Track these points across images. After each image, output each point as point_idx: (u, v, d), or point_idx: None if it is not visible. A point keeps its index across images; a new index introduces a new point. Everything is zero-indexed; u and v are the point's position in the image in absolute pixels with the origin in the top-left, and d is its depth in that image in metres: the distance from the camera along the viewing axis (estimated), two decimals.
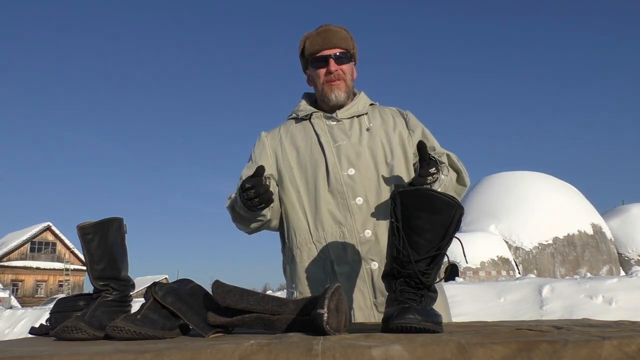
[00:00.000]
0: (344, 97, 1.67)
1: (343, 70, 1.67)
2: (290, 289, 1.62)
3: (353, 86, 1.74)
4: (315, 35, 1.68)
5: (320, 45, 1.66)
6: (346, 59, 1.68)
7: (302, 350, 0.76)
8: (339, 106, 1.68)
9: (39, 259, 33.88)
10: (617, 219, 21.58)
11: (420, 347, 0.75)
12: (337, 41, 1.66)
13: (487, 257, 17.69)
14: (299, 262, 1.56)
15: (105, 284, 1.24)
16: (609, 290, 6.78)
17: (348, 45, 1.68)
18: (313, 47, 1.67)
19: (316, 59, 1.67)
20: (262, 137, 1.76)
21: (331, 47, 1.65)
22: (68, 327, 1.08)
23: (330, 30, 1.68)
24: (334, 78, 1.65)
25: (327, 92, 1.67)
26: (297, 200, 1.60)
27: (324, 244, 1.53)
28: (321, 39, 1.66)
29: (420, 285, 1.02)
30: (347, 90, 1.68)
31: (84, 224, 1.24)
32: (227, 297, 1.03)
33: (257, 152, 1.73)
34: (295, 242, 1.58)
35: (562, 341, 0.76)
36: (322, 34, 1.67)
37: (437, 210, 1.01)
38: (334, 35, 1.66)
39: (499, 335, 0.83)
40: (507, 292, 7.34)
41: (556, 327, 0.95)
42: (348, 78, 1.69)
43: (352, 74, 1.72)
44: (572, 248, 19.34)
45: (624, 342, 0.76)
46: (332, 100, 1.67)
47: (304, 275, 1.55)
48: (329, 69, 1.65)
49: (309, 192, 1.59)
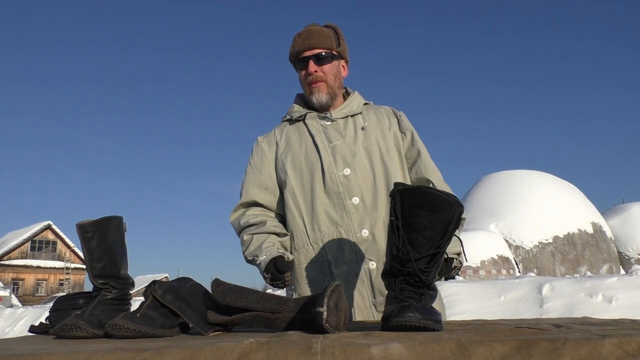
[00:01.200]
0: (326, 99, 1.66)
1: (323, 71, 1.65)
2: (289, 290, 1.61)
3: (340, 85, 1.71)
4: (297, 37, 1.67)
5: (300, 46, 1.65)
6: (327, 59, 1.65)
7: (302, 348, 0.76)
8: (326, 107, 1.68)
9: (39, 258, 33.88)
10: (617, 218, 21.58)
11: (420, 345, 0.75)
12: (316, 41, 1.64)
13: (487, 255, 17.69)
14: (297, 265, 1.56)
15: (105, 282, 1.24)
16: (609, 289, 6.78)
17: (330, 45, 1.65)
18: (294, 48, 1.66)
19: (298, 60, 1.67)
20: (260, 143, 1.75)
21: (311, 47, 1.64)
22: (67, 326, 1.08)
23: (311, 30, 1.65)
24: (313, 80, 1.64)
25: (309, 94, 1.67)
26: (293, 203, 1.59)
27: (321, 245, 1.52)
28: (302, 40, 1.65)
29: (420, 284, 1.02)
30: (330, 91, 1.66)
31: (83, 222, 1.24)
32: (226, 295, 1.03)
33: (257, 160, 1.71)
34: (293, 245, 1.58)
35: (562, 339, 0.76)
36: (303, 35, 1.66)
37: (436, 209, 1.01)
38: (313, 36, 1.64)
39: (498, 334, 0.82)
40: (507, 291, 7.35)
41: (556, 326, 0.95)
42: (330, 78, 1.66)
43: (335, 73, 1.68)
44: (572, 247, 19.33)
45: (624, 340, 0.76)
46: (314, 102, 1.66)
47: (303, 277, 1.54)
48: (308, 71, 1.64)
49: (305, 194, 1.58)
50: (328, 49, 1.65)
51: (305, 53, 1.64)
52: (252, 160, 1.73)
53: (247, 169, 1.73)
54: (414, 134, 1.68)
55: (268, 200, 1.67)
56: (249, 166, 1.73)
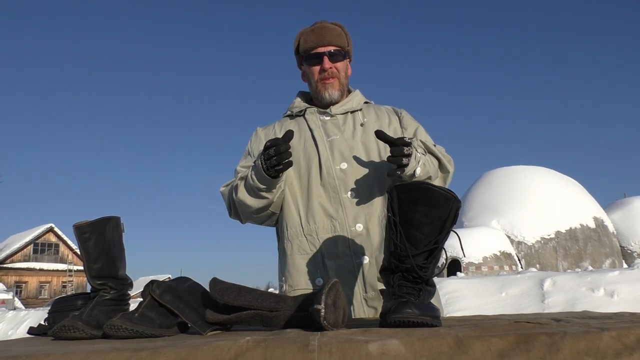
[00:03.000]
0: (337, 96, 1.67)
1: (337, 68, 1.66)
2: (280, 281, 1.62)
3: (347, 83, 1.74)
4: (310, 32, 1.67)
5: (315, 42, 1.65)
6: (340, 56, 1.67)
7: (299, 345, 0.75)
8: (332, 103, 1.68)
9: (42, 261, 33.93)
10: (619, 212, 21.56)
11: (418, 341, 0.75)
12: (331, 38, 1.65)
13: (489, 252, 17.68)
14: (290, 255, 1.56)
15: (103, 282, 1.23)
16: (610, 283, 6.77)
17: (342, 43, 1.67)
18: (307, 44, 1.66)
19: (310, 55, 1.67)
20: (258, 132, 1.77)
21: (325, 44, 1.64)
22: (65, 327, 1.08)
23: (325, 27, 1.66)
24: (327, 76, 1.65)
25: (321, 90, 1.67)
26: (290, 194, 1.60)
27: (315, 237, 1.53)
28: (315, 36, 1.65)
29: (418, 280, 1.02)
30: (341, 88, 1.68)
31: (80, 223, 1.23)
32: (224, 294, 1.03)
33: (254, 147, 1.72)
34: (287, 235, 1.58)
35: (560, 333, 0.75)
36: (317, 30, 1.66)
37: (434, 204, 1.01)
38: (328, 32, 1.65)
39: (497, 328, 0.82)
40: (508, 286, 7.34)
41: (555, 320, 0.94)
42: (342, 76, 1.68)
43: (346, 71, 1.71)
44: (575, 242, 19.32)
45: (623, 333, 0.75)
46: (326, 98, 1.67)
47: (294, 268, 1.55)
48: (323, 67, 1.65)
49: (302, 186, 1.59)
50: (341, 47, 1.67)
51: (320, 49, 1.65)
52: (249, 147, 1.75)
53: (242, 156, 1.74)
54: (419, 129, 1.68)
55: None
56: (245, 153, 1.74)
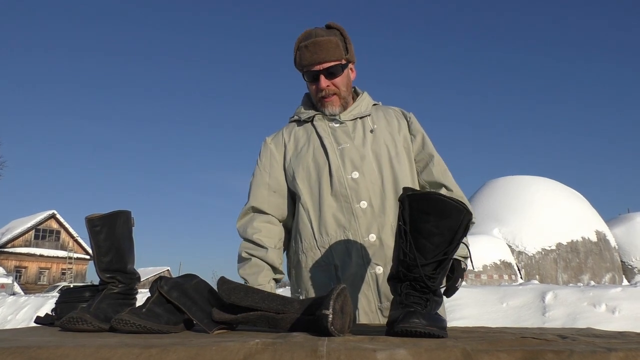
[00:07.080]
0: (339, 111, 1.64)
1: (335, 84, 1.61)
2: (296, 293, 1.61)
3: (350, 91, 1.69)
4: (304, 49, 1.59)
5: (309, 60, 1.58)
6: (338, 71, 1.61)
7: (307, 351, 0.76)
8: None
9: (42, 247, 34.08)
10: (622, 227, 21.46)
11: (425, 352, 0.75)
12: (325, 55, 1.57)
13: (489, 260, 17.64)
14: (304, 267, 1.56)
15: (112, 276, 1.24)
16: (612, 299, 6.74)
17: (339, 55, 1.59)
18: (302, 60, 1.60)
19: (307, 73, 1.62)
20: (268, 144, 1.73)
21: (320, 61, 1.58)
22: (74, 319, 1.09)
23: (318, 43, 1.57)
24: (325, 95, 1.62)
25: (321, 107, 1.65)
26: (301, 205, 1.59)
27: (328, 249, 1.52)
28: (310, 54, 1.58)
29: (425, 290, 1.02)
30: (342, 102, 1.65)
31: (92, 215, 1.24)
32: (232, 294, 1.04)
33: (266, 162, 1.70)
34: (301, 247, 1.58)
35: (567, 351, 0.75)
36: (311, 47, 1.57)
37: (445, 215, 1.01)
38: (322, 49, 1.57)
39: (504, 343, 0.82)
40: (509, 297, 7.32)
41: (561, 337, 0.95)
42: (342, 90, 1.63)
43: (347, 81, 1.65)
44: (575, 254, 19.24)
45: (631, 354, 0.75)
46: (327, 114, 1.65)
47: (309, 280, 1.54)
48: (319, 87, 1.60)
49: (313, 196, 1.57)
50: (338, 61, 1.60)
51: (315, 67, 1.59)
52: (260, 161, 1.71)
53: (255, 171, 1.71)
54: (425, 137, 1.66)
55: (275, 204, 1.65)
56: (257, 168, 1.71)
